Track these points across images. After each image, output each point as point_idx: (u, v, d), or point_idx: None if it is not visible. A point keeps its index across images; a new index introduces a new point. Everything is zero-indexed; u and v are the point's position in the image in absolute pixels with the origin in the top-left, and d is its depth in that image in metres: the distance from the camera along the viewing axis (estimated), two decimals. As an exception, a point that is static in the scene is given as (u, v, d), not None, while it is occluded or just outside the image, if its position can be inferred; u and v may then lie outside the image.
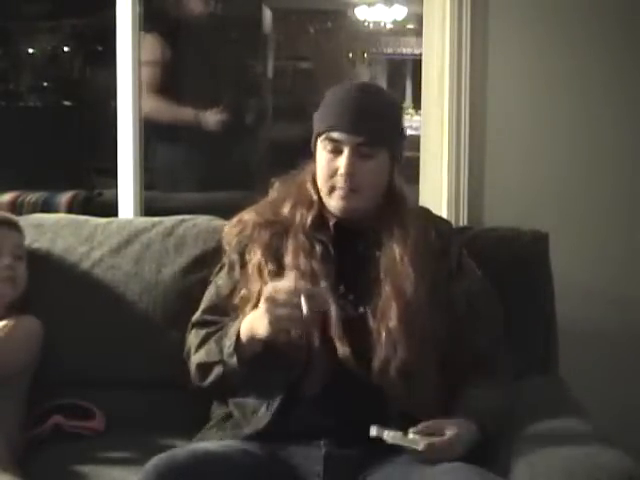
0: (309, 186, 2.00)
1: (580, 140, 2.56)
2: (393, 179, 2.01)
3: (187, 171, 3.53)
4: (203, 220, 2.34)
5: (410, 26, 5.91)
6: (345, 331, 1.86)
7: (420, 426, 1.76)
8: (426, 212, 2.10)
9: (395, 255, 1.92)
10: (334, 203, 1.95)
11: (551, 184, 2.55)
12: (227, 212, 2.20)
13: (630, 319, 2.55)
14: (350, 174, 1.92)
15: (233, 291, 1.99)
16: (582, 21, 2.51)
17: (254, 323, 1.85)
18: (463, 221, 2.52)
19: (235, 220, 2.05)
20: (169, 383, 2.18)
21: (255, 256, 1.96)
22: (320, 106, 2.01)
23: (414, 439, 1.74)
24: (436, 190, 2.56)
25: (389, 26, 5.93)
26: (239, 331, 1.88)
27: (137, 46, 2.78)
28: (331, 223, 1.97)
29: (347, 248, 1.96)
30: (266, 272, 1.93)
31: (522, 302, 2.19)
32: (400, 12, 5.83)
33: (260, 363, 1.88)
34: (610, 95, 2.54)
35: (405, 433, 1.74)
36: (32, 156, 4.03)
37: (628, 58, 2.53)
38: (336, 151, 1.94)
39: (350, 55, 6.05)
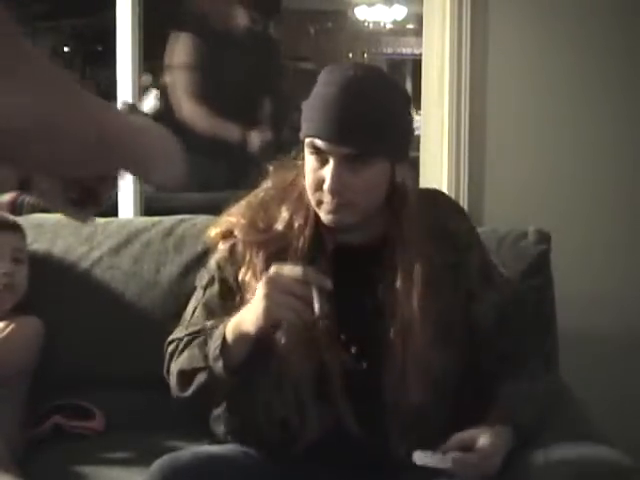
0: (305, 191, 1.73)
1: (581, 140, 2.55)
2: (394, 179, 1.73)
3: (191, 171, 3.49)
4: (203, 220, 2.34)
5: (410, 26, 5.91)
6: (346, 390, 1.69)
7: (451, 441, 1.64)
8: (438, 203, 1.84)
9: (403, 302, 1.69)
10: (323, 216, 1.69)
11: (551, 184, 2.55)
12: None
13: (630, 320, 2.55)
14: (336, 191, 1.64)
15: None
16: (582, 21, 2.51)
17: (245, 316, 1.63)
18: (463, 221, 2.52)
19: (222, 229, 1.79)
20: (169, 383, 2.18)
21: (251, 284, 1.71)
22: (311, 93, 1.70)
23: (443, 458, 1.61)
24: (436, 190, 2.56)
25: (389, 26, 5.94)
26: (225, 332, 1.67)
27: (137, 46, 2.77)
28: (329, 247, 1.72)
29: (348, 281, 1.68)
30: None
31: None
32: (400, 12, 5.84)
33: (248, 373, 1.69)
34: (611, 94, 2.53)
35: (434, 451, 1.62)
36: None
37: (629, 57, 2.53)
38: (322, 159, 1.66)
39: (350, 55, 6.05)
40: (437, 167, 2.57)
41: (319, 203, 1.69)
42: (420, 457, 1.62)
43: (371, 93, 1.65)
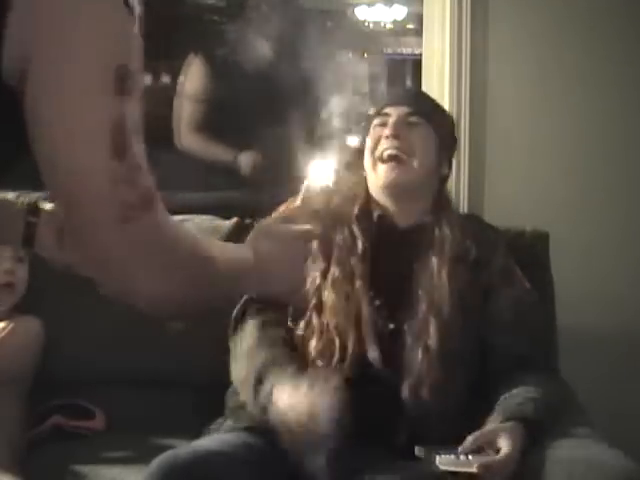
0: (359, 183, 2.04)
1: (581, 139, 2.56)
2: (443, 176, 2.05)
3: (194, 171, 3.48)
4: (203, 220, 2.34)
5: (410, 26, 5.91)
6: (376, 343, 1.86)
7: (469, 441, 1.69)
8: (475, 219, 2.14)
9: (432, 271, 1.93)
10: (380, 173, 1.98)
11: (550, 184, 2.55)
12: (227, 212, 2.20)
13: (630, 320, 2.55)
14: (395, 136, 1.98)
15: None
16: (583, 20, 2.51)
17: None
18: (463, 221, 2.52)
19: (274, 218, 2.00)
20: (169, 382, 2.18)
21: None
22: None
23: (466, 462, 1.64)
24: (436, 190, 2.56)
25: (389, 26, 5.93)
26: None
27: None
28: (375, 214, 1.99)
29: (386, 251, 1.97)
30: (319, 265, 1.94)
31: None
32: (400, 12, 5.83)
33: None
34: (611, 94, 2.54)
35: (457, 455, 1.66)
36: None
37: (629, 58, 2.53)
38: (384, 124, 2.02)
39: (350, 55, 6.04)
40: (437, 167, 2.57)
41: (376, 162, 2.00)
42: (443, 461, 1.65)
43: (422, 90, 2.24)
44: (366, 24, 5.89)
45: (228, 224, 2.28)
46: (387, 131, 2.00)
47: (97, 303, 2.26)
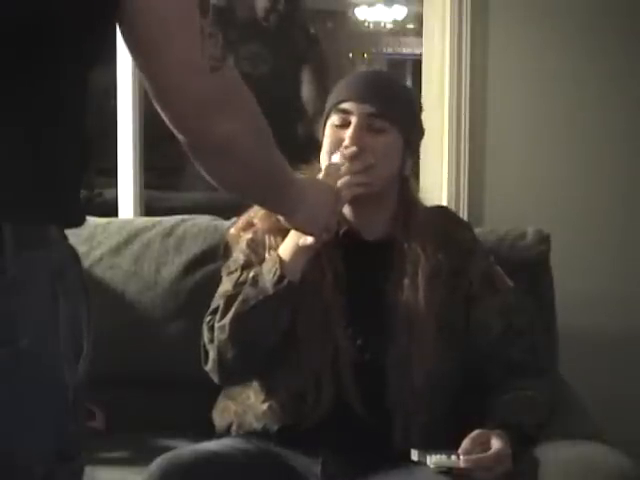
0: None
1: (580, 140, 2.56)
2: (405, 177, 1.88)
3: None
4: (203, 220, 2.34)
5: (410, 26, 5.92)
6: (354, 374, 1.78)
7: (465, 445, 1.67)
8: (444, 215, 2.00)
9: (407, 295, 1.80)
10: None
11: (551, 184, 2.55)
12: (227, 212, 2.21)
13: (630, 320, 2.55)
14: (354, 141, 1.77)
15: None
16: (582, 21, 2.51)
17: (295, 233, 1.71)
18: (463, 221, 2.52)
19: (242, 223, 1.90)
20: (169, 382, 2.18)
21: None
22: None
23: (457, 460, 1.65)
24: (436, 190, 2.56)
25: (389, 26, 5.94)
26: (279, 256, 1.74)
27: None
28: (341, 231, 1.81)
29: (356, 272, 1.83)
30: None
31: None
32: (400, 12, 5.84)
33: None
34: (611, 95, 2.53)
35: (448, 455, 1.66)
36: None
37: (629, 59, 2.53)
38: (344, 124, 1.81)
39: (350, 55, 6.05)
40: (437, 167, 2.57)
41: None
42: (434, 460, 1.66)
43: (390, 78, 2.00)
44: (366, 24, 5.90)
45: (228, 224, 2.28)
46: (347, 140, 1.78)
47: (96, 303, 2.27)
